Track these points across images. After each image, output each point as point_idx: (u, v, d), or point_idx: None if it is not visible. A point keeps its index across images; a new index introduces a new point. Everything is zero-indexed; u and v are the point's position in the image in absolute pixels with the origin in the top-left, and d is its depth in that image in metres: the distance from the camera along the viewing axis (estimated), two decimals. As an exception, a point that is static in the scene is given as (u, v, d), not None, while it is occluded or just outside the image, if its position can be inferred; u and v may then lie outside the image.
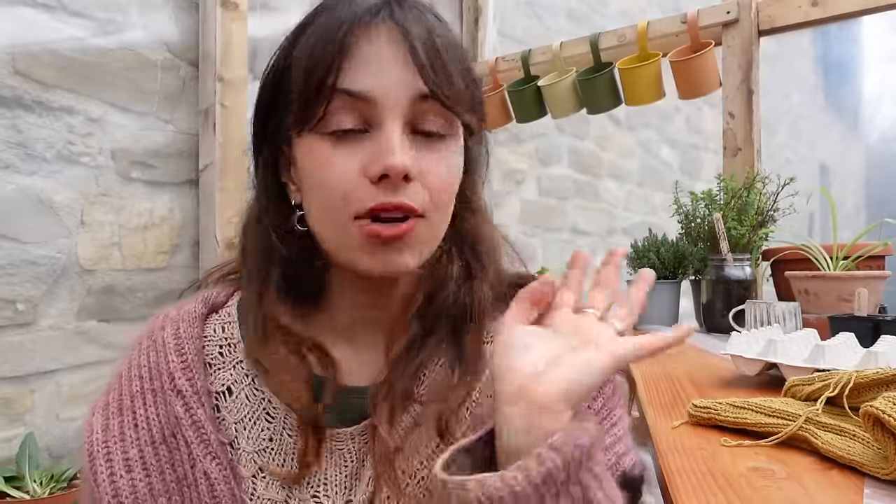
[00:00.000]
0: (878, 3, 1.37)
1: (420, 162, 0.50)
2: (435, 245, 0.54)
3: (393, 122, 0.49)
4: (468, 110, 0.53)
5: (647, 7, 3.62)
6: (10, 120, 1.27)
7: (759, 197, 1.28)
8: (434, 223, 0.52)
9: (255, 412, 0.56)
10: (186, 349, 0.57)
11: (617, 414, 0.57)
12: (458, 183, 0.54)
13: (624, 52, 1.68)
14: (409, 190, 0.50)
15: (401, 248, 0.51)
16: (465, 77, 0.53)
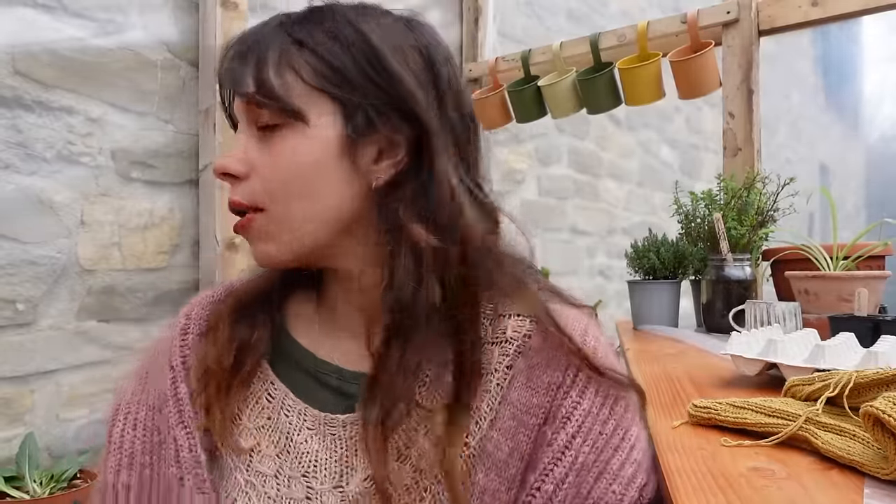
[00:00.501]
0: (878, 3, 1.37)
1: (260, 156, 0.55)
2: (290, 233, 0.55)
3: (241, 126, 0.56)
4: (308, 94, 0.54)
5: (647, 7, 3.62)
6: (10, 120, 1.27)
7: (759, 197, 1.28)
8: (275, 214, 0.55)
9: (258, 391, 0.60)
10: (191, 329, 0.62)
11: (633, 434, 0.55)
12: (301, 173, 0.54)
13: (624, 52, 1.68)
14: (242, 187, 0.55)
15: (253, 240, 0.56)
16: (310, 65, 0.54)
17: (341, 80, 0.54)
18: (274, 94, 0.53)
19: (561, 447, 0.52)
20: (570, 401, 0.53)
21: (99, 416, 1.40)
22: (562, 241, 3.03)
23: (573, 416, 0.53)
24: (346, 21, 0.55)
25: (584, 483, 0.52)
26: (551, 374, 0.54)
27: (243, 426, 0.59)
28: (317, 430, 0.57)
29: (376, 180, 0.55)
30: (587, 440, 0.53)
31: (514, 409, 0.54)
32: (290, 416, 0.58)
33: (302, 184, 0.54)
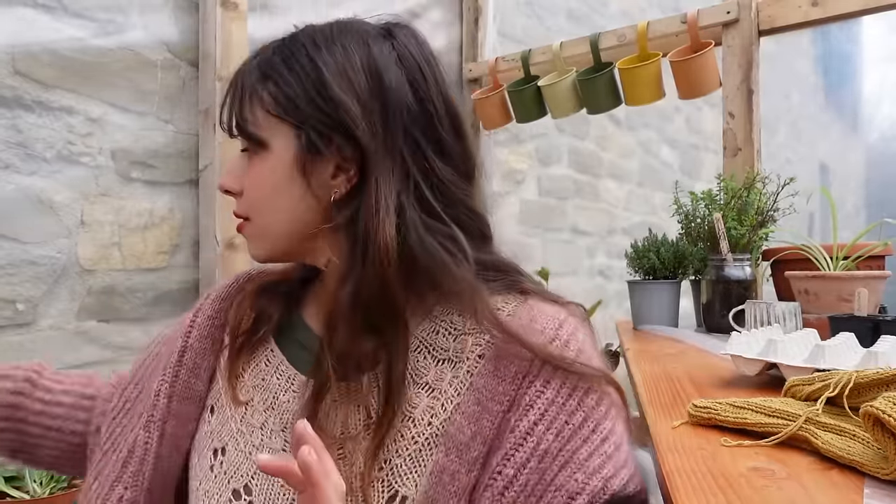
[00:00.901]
0: (878, 3, 1.37)
1: (245, 178, 0.65)
2: (269, 239, 0.65)
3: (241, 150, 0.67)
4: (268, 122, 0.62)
5: (647, 7, 3.62)
6: (10, 120, 1.27)
7: (759, 197, 1.28)
8: (257, 224, 0.65)
9: (259, 355, 0.70)
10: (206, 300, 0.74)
11: (605, 427, 0.56)
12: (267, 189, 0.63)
13: (624, 52, 1.68)
14: (238, 201, 0.66)
15: (247, 241, 0.67)
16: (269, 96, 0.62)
17: (293, 108, 0.61)
18: (241, 127, 0.63)
19: (523, 433, 0.54)
20: (534, 389, 0.56)
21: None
22: (562, 241, 3.03)
23: (536, 403, 0.55)
24: (305, 52, 0.62)
25: (548, 470, 0.53)
26: (518, 363, 0.56)
27: (244, 383, 0.69)
28: (300, 393, 0.64)
29: (335, 194, 0.62)
30: (551, 428, 0.54)
31: (479, 395, 0.56)
32: (280, 379, 0.67)
33: (270, 199, 0.63)
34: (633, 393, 0.82)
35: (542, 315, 0.59)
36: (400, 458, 0.57)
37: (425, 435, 0.57)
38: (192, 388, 0.70)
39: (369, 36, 0.63)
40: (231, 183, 0.66)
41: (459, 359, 0.59)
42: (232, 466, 0.64)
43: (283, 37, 0.66)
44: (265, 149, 0.63)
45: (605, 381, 0.57)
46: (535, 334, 0.57)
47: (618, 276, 3.33)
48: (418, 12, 2.12)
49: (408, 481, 0.56)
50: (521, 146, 2.74)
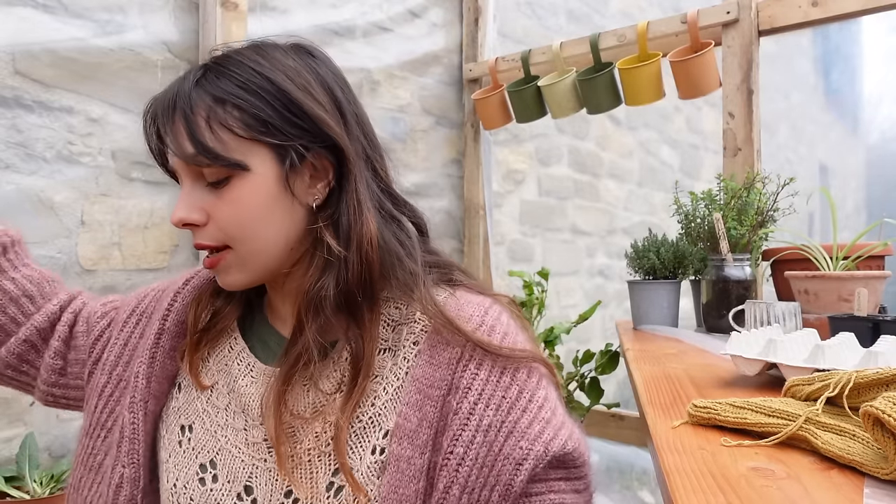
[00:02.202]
0: (878, 3, 1.37)
1: (213, 205, 0.64)
2: (257, 263, 0.66)
3: (184, 182, 0.65)
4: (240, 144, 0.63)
5: (647, 7, 3.62)
6: (10, 120, 1.27)
7: (759, 197, 1.28)
8: (241, 250, 0.65)
9: (224, 343, 0.74)
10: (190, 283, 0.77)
11: (540, 396, 0.62)
12: (252, 211, 0.64)
13: (624, 52, 1.68)
14: (204, 232, 0.65)
15: (220, 273, 0.67)
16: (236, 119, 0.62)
17: (268, 128, 0.63)
18: (215, 154, 0.62)
19: (466, 413, 0.60)
20: (469, 373, 0.61)
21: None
22: (562, 241, 3.03)
23: (473, 385, 0.61)
24: (252, 70, 0.64)
25: (494, 442, 0.59)
26: (451, 350, 0.62)
27: (209, 368, 0.74)
28: (256, 378, 0.70)
29: (315, 200, 0.66)
30: (490, 404, 0.60)
31: (419, 384, 0.62)
32: (240, 365, 0.72)
33: (258, 220, 0.64)
34: (634, 393, 0.82)
35: (468, 304, 0.65)
36: (313, 453, 0.64)
37: (369, 415, 0.63)
38: (167, 368, 0.74)
39: (299, 55, 0.68)
40: (195, 215, 0.64)
41: (396, 347, 0.66)
42: (199, 443, 0.70)
43: (209, 63, 0.66)
44: (245, 171, 0.63)
45: (532, 360, 0.63)
46: (463, 321, 0.63)
47: (618, 276, 3.33)
48: (418, 12, 2.12)
49: (353, 455, 0.62)
50: (521, 146, 2.74)
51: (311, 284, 0.65)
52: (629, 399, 2.79)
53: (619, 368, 1.80)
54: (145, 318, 0.77)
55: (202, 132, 0.62)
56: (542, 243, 2.87)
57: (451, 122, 2.22)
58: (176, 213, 0.65)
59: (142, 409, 0.71)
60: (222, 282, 0.68)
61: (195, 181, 0.65)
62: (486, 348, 0.62)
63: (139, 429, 0.71)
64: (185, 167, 0.64)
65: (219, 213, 0.64)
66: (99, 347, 0.77)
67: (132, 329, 0.77)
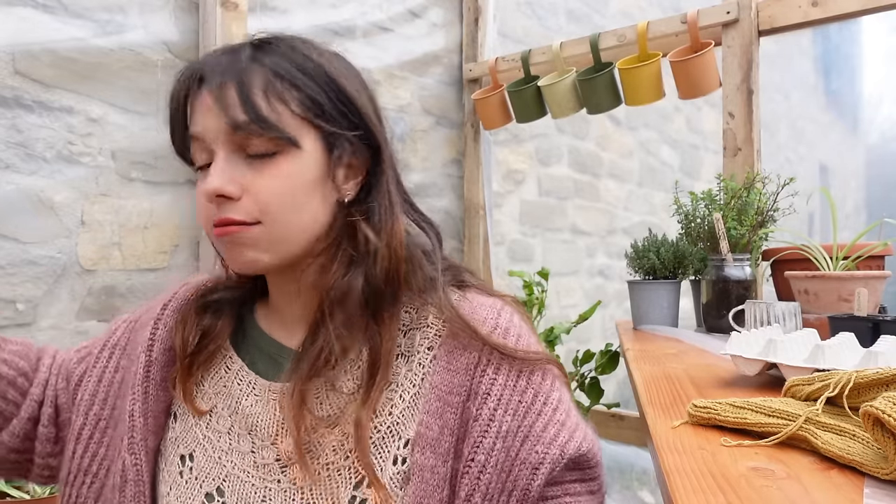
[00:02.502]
0: (878, 3, 1.37)
1: (251, 179, 0.60)
2: (282, 247, 0.62)
3: (219, 153, 0.61)
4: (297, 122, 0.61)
5: (647, 7, 3.62)
6: (10, 120, 1.27)
7: (759, 197, 1.28)
8: (271, 227, 0.61)
9: (219, 363, 0.71)
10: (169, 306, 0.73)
11: (554, 398, 0.62)
12: (294, 191, 0.61)
13: (624, 52, 1.68)
14: (236, 206, 0.60)
15: (242, 246, 0.61)
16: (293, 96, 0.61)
17: (322, 113, 0.62)
18: (270, 124, 0.60)
19: (486, 420, 0.59)
20: (488, 378, 0.61)
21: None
22: (562, 241, 3.03)
23: (492, 391, 0.60)
24: (305, 56, 0.63)
25: (511, 447, 0.59)
26: (468, 356, 0.62)
27: (204, 391, 0.70)
28: (261, 396, 0.67)
29: (347, 195, 0.65)
30: (508, 410, 0.60)
31: (439, 392, 0.61)
32: (241, 384, 0.68)
33: (297, 201, 0.62)
34: (634, 393, 0.82)
35: (481, 307, 0.65)
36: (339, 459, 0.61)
37: (387, 424, 0.62)
38: (161, 400, 0.69)
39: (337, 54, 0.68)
40: (230, 187, 0.60)
41: (410, 353, 0.65)
42: (203, 471, 0.66)
43: (266, 39, 0.64)
44: (295, 149, 0.61)
45: (546, 362, 0.63)
46: (479, 325, 0.63)
47: (618, 276, 3.33)
48: (418, 12, 2.12)
49: (374, 466, 0.60)
50: (521, 146, 2.74)
51: (336, 279, 0.63)
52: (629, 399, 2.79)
53: (619, 368, 1.80)
54: (119, 350, 0.73)
55: (258, 101, 0.60)
56: (542, 243, 2.87)
57: (451, 122, 2.22)
58: (211, 182, 0.60)
59: (142, 448, 0.67)
60: (238, 259, 0.63)
61: (232, 154, 0.61)
62: (503, 351, 0.61)
63: (143, 469, 0.67)
64: (227, 137, 0.61)
65: (258, 186, 0.60)
66: (79, 393, 0.71)
67: (105, 363, 0.72)
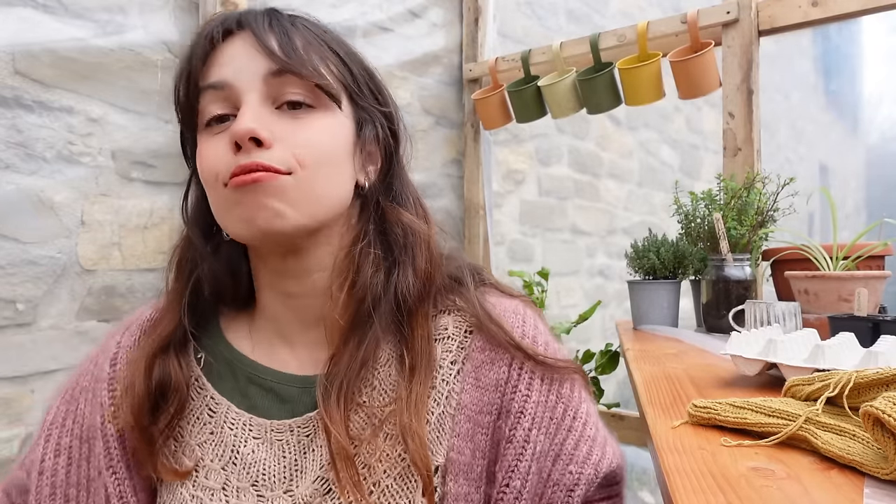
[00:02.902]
0: (878, 3, 1.37)
1: (284, 129, 0.55)
2: (316, 206, 0.55)
3: (249, 99, 0.55)
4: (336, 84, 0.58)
5: (647, 7, 3.62)
6: (10, 120, 1.27)
7: (759, 197, 1.28)
8: (303, 179, 0.54)
9: (198, 408, 0.60)
10: (119, 359, 0.62)
11: (582, 411, 0.59)
12: (332, 148, 0.56)
13: (624, 52, 1.68)
14: (268, 153, 0.53)
15: (269, 199, 0.53)
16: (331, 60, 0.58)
17: (357, 86, 0.59)
18: (318, 71, 0.56)
19: (521, 442, 0.55)
20: (520, 395, 0.56)
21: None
22: (562, 241, 3.03)
23: (526, 409, 0.56)
24: (334, 34, 0.61)
25: (543, 468, 0.55)
26: (497, 370, 0.57)
27: (185, 443, 0.59)
28: (263, 439, 0.57)
29: (368, 180, 0.61)
30: (541, 429, 0.56)
31: (469, 412, 0.56)
32: (234, 428, 0.58)
33: (334, 160, 0.56)
34: (634, 393, 0.82)
35: (504, 314, 0.61)
36: (389, 478, 0.54)
37: None
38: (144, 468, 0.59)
39: None
40: (264, 132, 0.53)
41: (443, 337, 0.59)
42: None
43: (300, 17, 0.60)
44: (335, 106, 0.57)
45: (573, 371, 0.60)
46: None
47: (618, 276, 3.33)
48: (418, 12, 2.12)
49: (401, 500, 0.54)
50: (521, 146, 2.74)
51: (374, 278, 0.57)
52: (629, 399, 2.79)
53: (619, 368, 1.80)
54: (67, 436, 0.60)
55: (310, 51, 0.56)
56: (542, 243, 2.87)
57: (451, 122, 2.22)
58: (244, 122, 0.53)
59: None
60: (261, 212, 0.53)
61: (263, 102, 0.55)
62: (535, 358, 0.57)
63: None
64: (263, 82, 0.55)
65: (295, 135, 0.55)
66: None
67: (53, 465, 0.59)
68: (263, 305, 0.63)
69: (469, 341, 0.59)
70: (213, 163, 0.55)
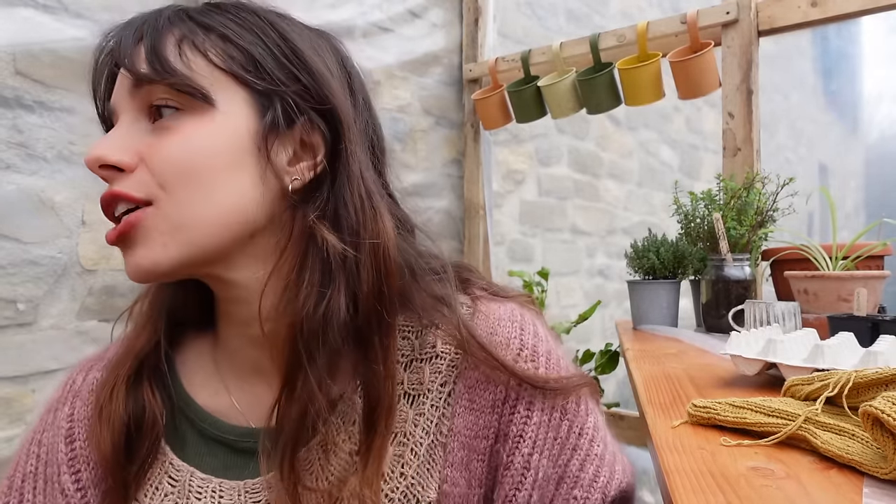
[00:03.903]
0: (877, 3, 1.37)
1: (149, 146, 0.48)
2: (188, 232, 0.47)
3: (122, 120, 0.50)
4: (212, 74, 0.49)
5: (646, 7, 3.62)
6: (11, 120, 1.27)
7: (758, 197, 1.28)
8: (169, 206, 0.47)
9: (156, 476, 0.52)
10: (76, 435, 0.54)
11: (589, 426, 0.54)
12: (202, 159, 0.47)
13: (624, 52, 1.68)
14: (128, 179, 0.48)
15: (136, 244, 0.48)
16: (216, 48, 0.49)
17: (255, 66, 0.49)
18: (172, 70, 0.48)
19: (520, 469, 0.50)
20: (519, 416, 0.51)
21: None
22: (562, 241, 3.03)
23: (525, 432, 0.50)
24: (259, 18, 0.52)
25: (545, 495, 0.50)
26: (493, 390, 0.51)
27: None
28: (236, 501, 0.50)
29: (292, 182, 0.50)
30: (544, 452, 0.51)
31: (463, 438, 0.50)
32: (202, 497, 0.51)
33: (203, 174, 0.47)
34: (633, 393, 0.82)
35: (499, 323, 0.54)
36: None
37: (401, 489, 0.49)
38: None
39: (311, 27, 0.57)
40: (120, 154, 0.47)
41: (419, 392, 0.52)
42: None
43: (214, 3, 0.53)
44: (208, 106, 0.48)
45: (581, 385, 0.54)
46: (501, 348, 0.52)
47: (618, 276, 3.33)
48: (418, 12, 2.12)
49: None
50: (521, 146, 2.74)
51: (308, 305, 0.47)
52: (629, 399, 2.79)
53: (619, 368, 1.80)
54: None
55: (166, 49, 0.49)
56: (542, 243, 2.87)
57: (451, 123, 2.22)
58: (94, 150, 0.48)
59: None
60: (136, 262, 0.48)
61: (137, 118, 0.49)
62: (535, 384, 0.51)
63: None
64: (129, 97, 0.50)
65: (156, 152, 0.48)
66: None
67: None
68: (221, 336, 0.57)
69: (460, 359, 0.52)
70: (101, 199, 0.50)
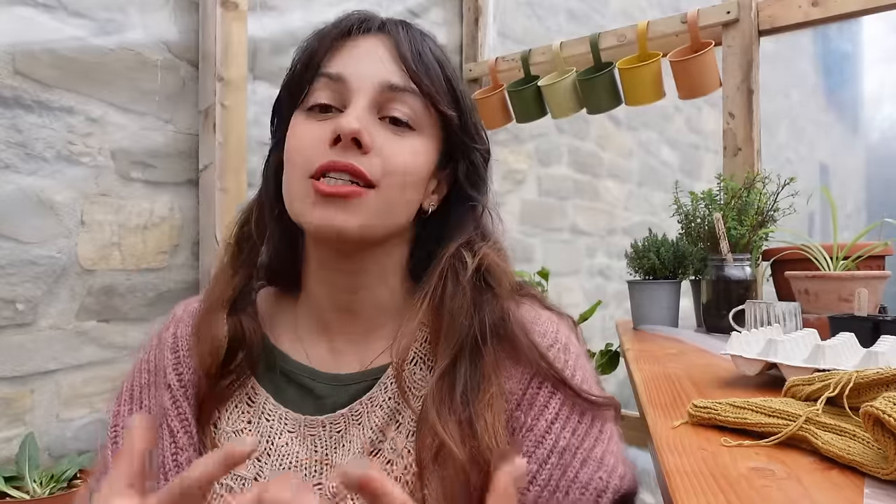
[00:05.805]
0: (878, 3, 1.37)
1: (383, 140, 0.57)
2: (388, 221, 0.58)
3: (359, 101, 0.57)
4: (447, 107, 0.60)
5: (647, 7, 3.62)
6: (10, 120, 1.27)
7: (759, 197, 1.28)
8: (387, 196, 0.57)
9: (238, 396, 0.61)
10: (180, 346, 0.63)
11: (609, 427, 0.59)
12: (420, 170, 0.59)
13: (624, 52, 1.68)
14: (363, 158, 0.56)
15: (342, 208, 0.55)
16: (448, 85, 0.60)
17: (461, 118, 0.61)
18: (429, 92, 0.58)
19: (542, 431, 0.55)
20: (547, 390, 0.57)
21: (99, 416, 1.40)
22: (562, 241, 3.03)
23: (550, 403, 0.57)
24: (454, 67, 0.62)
25: (570, 466, 0.55)
26: (525, 363, 0.58)
27: (221, 430, 0.59)
28: (297, 433, 0.59)
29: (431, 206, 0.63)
30: (566, 426, 0.56)
31: None
32: (271, 420, 0.59)
33: (415, 182, 0.59)
34: (634, 393, 0.82)
35: (539, 319, 0.62)
36: None
37: None
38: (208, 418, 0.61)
39: None
40: (367, 137, 0.56)
41: None
42: None
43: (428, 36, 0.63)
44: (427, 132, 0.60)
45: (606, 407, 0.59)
46: (538, 336, 0.59)
47: (618, 276, 3.33)
48: (418, 12, 2.12)
49: None
50: (521, 146, 2.74)
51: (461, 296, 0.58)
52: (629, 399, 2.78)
53: (619, 368, 1.80)
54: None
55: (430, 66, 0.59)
56: (542, 243, 2.87)
57: (451, 122, 2.22)
58: (351, 122, 0.55)
59: None
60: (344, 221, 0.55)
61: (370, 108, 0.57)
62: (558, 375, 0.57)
63: None
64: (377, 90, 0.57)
65: (392, 149, 0.57)
66: None
67: None
68: (310, 294, 0.64)
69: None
70: (307, 148, 0.57)
